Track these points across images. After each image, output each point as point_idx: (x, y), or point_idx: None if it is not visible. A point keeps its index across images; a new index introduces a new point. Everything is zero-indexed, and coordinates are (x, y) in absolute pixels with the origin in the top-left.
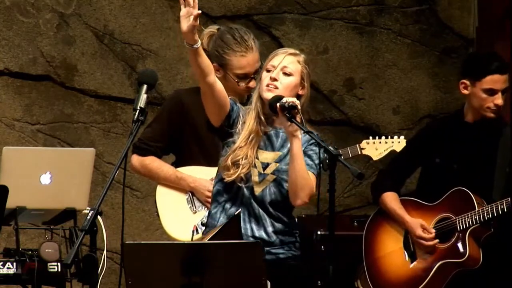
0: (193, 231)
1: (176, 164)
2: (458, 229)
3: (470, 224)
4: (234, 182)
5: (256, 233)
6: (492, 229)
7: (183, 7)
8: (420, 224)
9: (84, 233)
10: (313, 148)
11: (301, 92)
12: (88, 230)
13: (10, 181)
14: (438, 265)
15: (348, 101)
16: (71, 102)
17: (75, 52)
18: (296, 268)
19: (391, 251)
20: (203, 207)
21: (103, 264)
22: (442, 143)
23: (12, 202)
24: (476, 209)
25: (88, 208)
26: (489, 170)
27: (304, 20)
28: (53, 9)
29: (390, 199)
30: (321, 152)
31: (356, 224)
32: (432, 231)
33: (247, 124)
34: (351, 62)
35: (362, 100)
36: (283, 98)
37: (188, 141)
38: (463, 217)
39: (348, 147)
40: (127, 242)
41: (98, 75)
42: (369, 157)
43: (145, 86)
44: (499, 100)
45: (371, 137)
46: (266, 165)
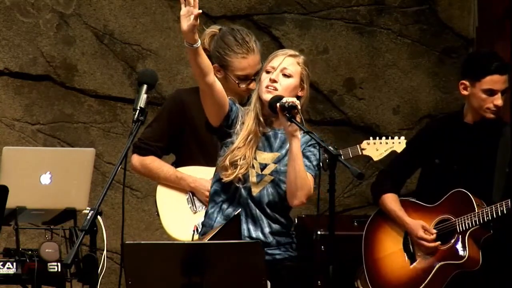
0: (194, 231)
1: (176, 164)
2: (458, 230)
3: (470, 225)
4: (232, 182)
5: (253, 233)
6: (492, 231)
7: (184, 6)
8: (421, 225)
9: (84, 233)
10: (311, 149)
11: (301, 94)
12: (88, 230)
13: (10, 181)
14: (437, 266)
15: (348, 101)
16: (71, 102)
17: (75, 52)
18: (292, 269)
19: (391, 252)
20: (203, 207)
21: (103, 264)
22: (442, 143)
23: (12, 202)
24: (476, 210)
25: (88, 208)
26: (489, 171)
27: (304, 20)
28: (53, 9)
29: (390, 200)
30: (321, 152)
31: (356, 224)
32: (433, 231)
33: (246, 125)
34: (351, 62)
35: (362, 100)
36: (283, 98)
37: (188, 141)
38: (462, 219)
39: (349, 148)
40: (127, 242)
41: (98, 75)
42: (369, 158)
43: (145, 86)
44: (499, 100)
45: (371, 138)
46: (264, 166)
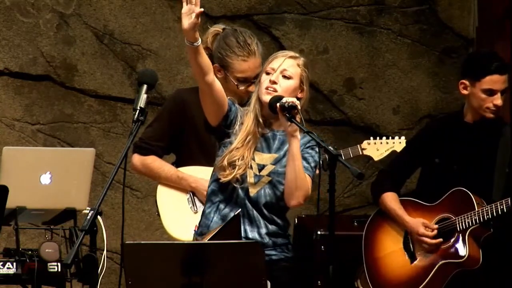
0: (195, 231)
1: (177, 163)
2: (458, 229)
3: (470, 224)
4: (230, 182)
5: (250, 234)
6: (492, 229)
7: (185, 5)
8: (421, 222)
9: (84, 233)
10: (309, 151)
11: (300, 95)
12: (88, 230)
13: (10, 181)
14: (438, 265)
15: (348, 101)
16: (71, 102)
17: (75, 52)
18: (289, 269)
19: (391, 252)
20: None
21: (103, 264)
22: (442, 143)
23: (12, 202)
24: (476, 209)
25: (88, 208)
26: (489, 170)
27: (304, 20)
28: (53, 9)
29: (390, 200)
30: (321, 152)
31: (356, 224)
32: (434, 227)
33: (244, 125)
34: (351, 62)
35: (362, 100)
36: (283, 98)
37: (188, 141)
38: (463, 218)
39: (349, 148)
40: (127, 242)
41: (98, 75)
42: (369, 157)
43: (145, 86)
44: (499, 100)
45: (372, 138)
46: (262, 167)
